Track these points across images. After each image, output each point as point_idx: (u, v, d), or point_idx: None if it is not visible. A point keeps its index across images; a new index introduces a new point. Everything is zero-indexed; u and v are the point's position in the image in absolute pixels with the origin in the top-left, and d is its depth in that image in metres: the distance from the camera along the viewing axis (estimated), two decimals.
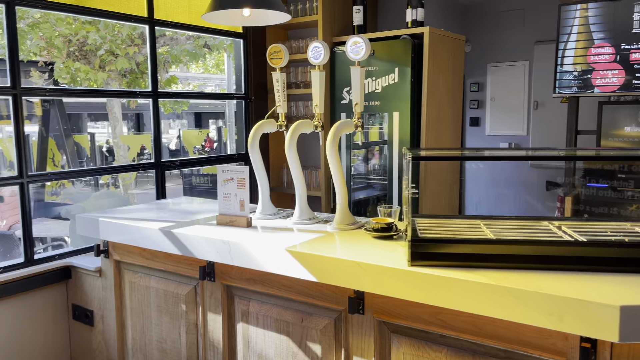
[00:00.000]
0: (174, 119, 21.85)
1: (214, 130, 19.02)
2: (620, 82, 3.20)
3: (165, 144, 17.93)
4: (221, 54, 10.02)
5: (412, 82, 3.49)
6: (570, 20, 3.34)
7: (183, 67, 13.70)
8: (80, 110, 16.61)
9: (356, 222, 2.25)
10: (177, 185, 13.26)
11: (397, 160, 3.60)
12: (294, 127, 2.29)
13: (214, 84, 18.03)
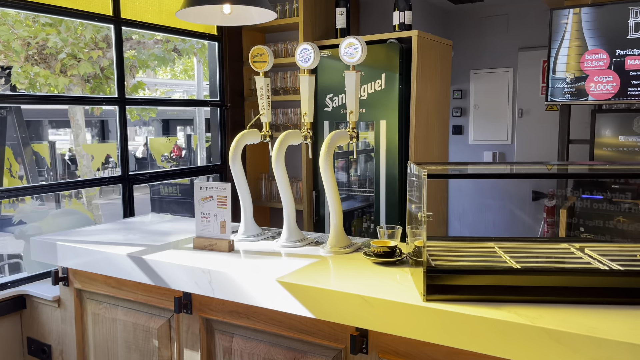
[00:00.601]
0: (140, 126, 21.22)
1: (183, 138, 18.54)
2: (615, 89, 3.09)
3: (132, 152, 17.34)
4: (191, 59, 9.67)
5: (400, 89, 3.29)
6: (563, 25, 3.22)
7: (150, 73, 13.27)
8: (41, 117, 15.89)
9: (352, 244, 2.02)
10: (144, 195, 12.77)
11: (385, 171, 3.39)
12: (281, 138, 2.04)
13: (182, 90, 17.57)
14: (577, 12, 3.18)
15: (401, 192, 3.38)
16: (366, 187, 3.94)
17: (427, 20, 4.56)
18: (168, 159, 14.91)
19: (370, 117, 3.42)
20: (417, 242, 1.69)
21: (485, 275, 1.40)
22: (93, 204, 8.51)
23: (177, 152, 16.37)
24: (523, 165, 2.28)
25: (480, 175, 2.12)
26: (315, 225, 3.77)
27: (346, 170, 4.11)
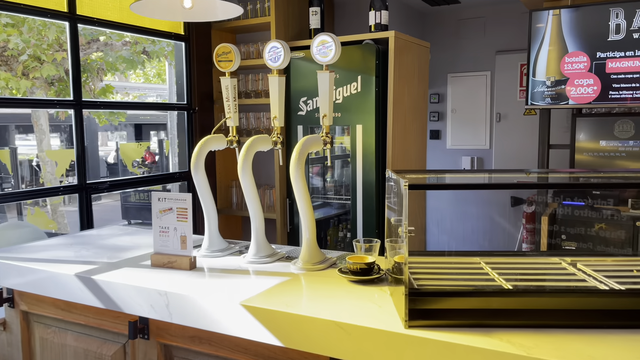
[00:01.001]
0: (112, 131, 20.67)
1: (156, 143, 18.12)
2: (596, 93, 3.01)
3: (104, 157, 16.83)
4: (162, 61, 9.40)
5: (377, 91, 3.15)
6: (542, 27, 3.13)
7: (123, 77, 12.89)
8: (6, 121, 15.31)
9: (326, 259, 1.85)
10: (116, 202, 12.38)
11: (362, 177, 3.24)
12: (248, 144, 1.86)
13: (155, 94, 17.16)
14: (556, 13, 3.09)
15: (378, 199, 3.23)
16: (342, 194, 3.79)
17: (403, 22, 4.44)
18: (140, 164, 14.51)
19: (346, 121, 3.27)
20: (397, 257, 1.53)
21: (474, 298, 1.25)
22: (59, 212, 8.15)
23: (150, 158, 15.97)
24: (504, 173, 2.15)
25: (463, 186, 1.99)
26: (289, 234, 3.60)
27: (321, 175, 3.95)
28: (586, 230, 3.06)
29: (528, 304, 1.23)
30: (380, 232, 3.26)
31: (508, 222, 4.57)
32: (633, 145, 3.05)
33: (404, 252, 1.26)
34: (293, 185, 1.75)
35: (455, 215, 4.74)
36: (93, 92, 7.99)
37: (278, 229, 3.60)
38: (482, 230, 4.70)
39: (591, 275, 1.42)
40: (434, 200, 4.85)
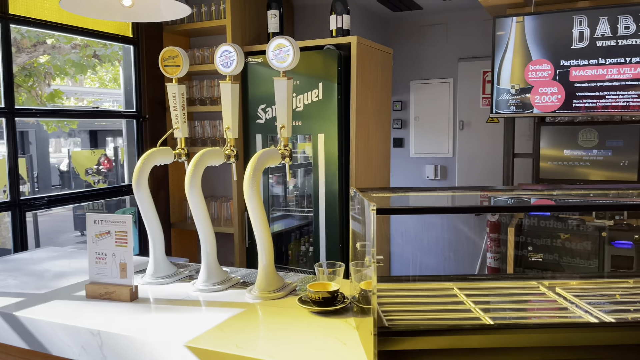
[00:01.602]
0: (65, 137, 19.80)
1: (111, 150, 17.45)
2: (560, 101, 2.96)
3: (56, 164, 16.06)
4: (115, 66, 8.98)
5: (339, 99, 3.01)
6: (506, 34, 3.07)
7: (75, 81, 12.30)
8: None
9: (285, 285, 1.67)
10: (68, 212, 11.76)
11: (324, 188, 3.08)
12: (197, 159, 1.67)
13: (111, 99, 16.53)
14: (520, 20, 3.03)
15: (342, 210, 3.08)
16: (304, 206, 3.62)
17: (365, 28, 4.33)
18: (95, 172, 13.89)
19: (308, 130, 3.11)
20: (363, 284, 1.37)
21: (452, 336, 1.10)
22: (3, 224, 7.62)
23: (108, 165, 15.31)
24: (470, 191, 2.04)
25: (439, 210, 1.85)
26: (248, 250, 3.40)
27: (282, 185, 3.76)
28: (552, 241, 3.00)
29: (511, 342, 1.10)
30: (344, 246, 3.11)
31: (472, 231, 4.51)
32: (597, 155, 3.02)
33: (372, 285, 1.10)
34: (247, 205, 1.57)
35: (420, 224, 4.65)
36: (40, 97, 7.54)
37: (236, 244, 3.39)
38: (447, 240, 4.63)
39: (573, 302, 1.30)
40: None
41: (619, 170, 2.98)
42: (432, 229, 4.69)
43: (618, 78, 2.83)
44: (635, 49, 2.77)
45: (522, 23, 3.04)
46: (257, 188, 1.55)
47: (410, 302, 1.36)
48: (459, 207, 1.63)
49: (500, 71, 3.13)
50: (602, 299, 1.34)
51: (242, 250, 3.40)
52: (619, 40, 2.81)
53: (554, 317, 1.23)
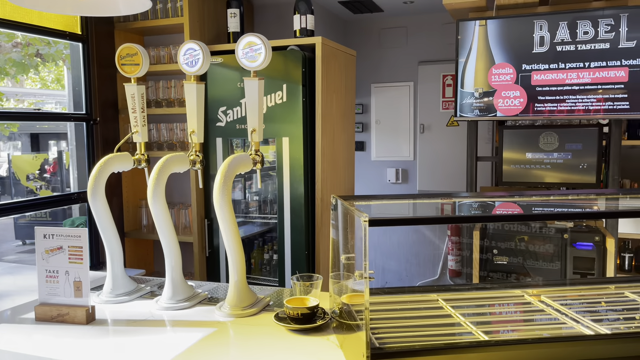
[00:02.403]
0: (5, 141, 18.70)
1: (55, 154, 16.60)
2: (523, 105, 3.00)
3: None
4: (60, 66, 8.52)
5: (304, 101, 2.92)
6: (469, 37, 3.08)
7: (20, 82, 11.62)
8: None
9: (257, 300, 1.56)
10: (8, 220, 11.03)
11: (289, 193, 2.98)
12: (160, 165, 1.53)
13: (54, 101, 15.74)
14: (483, 24, 3.05)
15: (308, 215, 2.99)
16: (267, 212, 3.50)
17: (326, 30, 4.27)
18: (35, 178, 13.14)
19: (272, 133, 3.00)
20: (345, 297, 1.30)
21: (450, 355, 1.03)
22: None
23: (53, 170, 14.51)
24: (448, 198, 1.99)
25: (430, 220, 1.78)
26: (208, 259, 3.24)
27: (243, 190, 3.63)
28: (516, 244, 3.03)
29: (510, 358, 1.04)
30: (310, 254, 3.02)
31: (433, 234, 4.52)
32: (557, 158, 3.08)
33: (364, 304, 1.02)
34: (218, 215, 1.45)
35: (381, 228, 4.62)
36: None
37: (196, 253, 3.23)
38: (409, 243, 4.62)
39: (563, 312, 1.26)
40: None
41: (578, 173, 3.05)
42: (393, 232, 4.68)
43: (578, 82, 2.89)
44: (593, 54, 2.84)
45: (485, 27, 3.06)
46: (228, 197, 1.43)
47: (395, 317, 1.28)
48: (450, 217, 1.58)
49: (464, 75, 3.13)
50: (588, 307, 1.32)
51: (202, 260, 3.24)
52: (578, 45, 2.87)
53: (546, 329, 1.19)
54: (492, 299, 1.40)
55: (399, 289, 1.46)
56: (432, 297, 1.39)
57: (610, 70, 2.83)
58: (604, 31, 2.82)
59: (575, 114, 2.94)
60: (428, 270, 4.65)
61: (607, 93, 2.85)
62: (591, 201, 1.66)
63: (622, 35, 2.80)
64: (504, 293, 1.43)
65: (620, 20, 2.79)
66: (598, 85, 2.85)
